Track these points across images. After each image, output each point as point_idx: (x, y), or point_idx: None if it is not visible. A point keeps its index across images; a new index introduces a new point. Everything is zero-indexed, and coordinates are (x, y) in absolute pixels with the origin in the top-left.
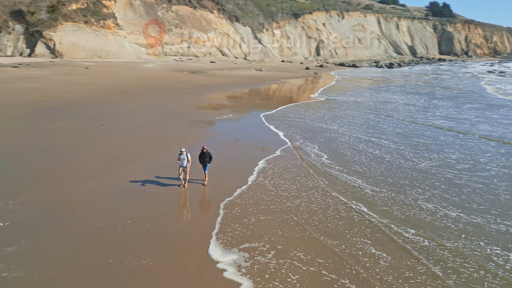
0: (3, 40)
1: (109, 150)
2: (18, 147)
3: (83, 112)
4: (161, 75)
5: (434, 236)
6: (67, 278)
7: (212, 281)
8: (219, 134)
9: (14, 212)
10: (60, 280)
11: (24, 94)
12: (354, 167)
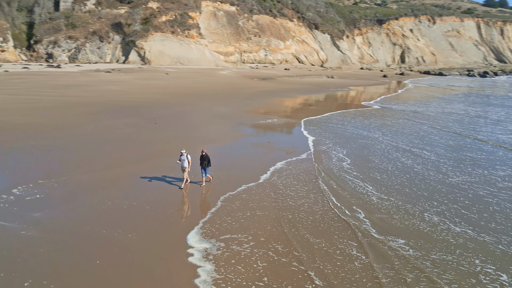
0: (103, 48)
1: (149, 145)
2: (79, 137)
3: (146, 112)
4: (231, 81)
5: (423, 247)
6: (66, 241)
7: (175, 262)
8: (254, 136)
9: (52, 188)
10: (60, 241)
11: (105, 95)
12: (373, 174)
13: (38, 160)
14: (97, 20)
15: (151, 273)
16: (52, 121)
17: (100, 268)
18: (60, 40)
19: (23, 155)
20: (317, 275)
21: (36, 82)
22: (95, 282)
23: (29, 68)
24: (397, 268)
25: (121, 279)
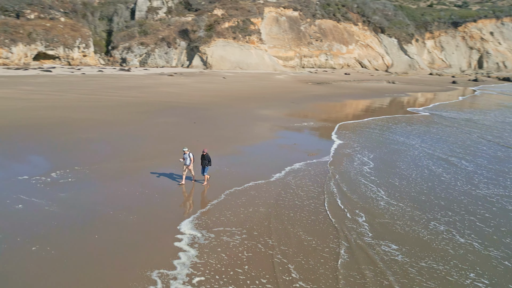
0: (170, 54)
1: (181, 142)
2: (122, 132)
3: (192, 112)
4: (284, 85)
5: (415, 254)
6: (77, 217)
7: (161, 244)
8: (283, 138)
9: (83, 174)
10: (73, 217)
11: (160, 96)
12: (392, 180)
13: (81, 150)
14: (166, 28)
15: (136, 250)
16: (105, 117)
17: (95, 240)
18: (133, 46)
19: (71, 145)
20: (296, 269)
21: (105, 84)
22: (88, 251)
23: (103, 71)
24: (378, 271)
25: (109, 250)
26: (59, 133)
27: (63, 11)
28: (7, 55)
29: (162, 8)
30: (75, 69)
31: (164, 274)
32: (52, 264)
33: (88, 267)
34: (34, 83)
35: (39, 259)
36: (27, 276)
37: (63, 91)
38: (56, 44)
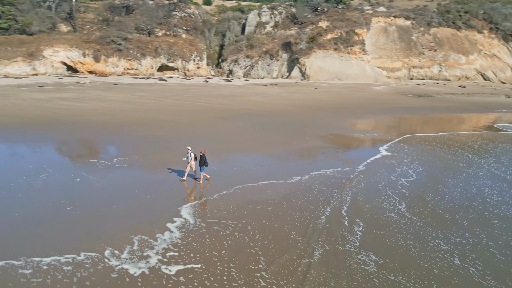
0: (272, 65)
1: (232, 143)
2: (192, 132)
3: (261, 119)
4: (377, 96)
5: (392, 268)
6: (109, 191)
7: (157, 220)
8: (331, 146)
9: (137, 161)
10: (106, 190)
11: (243, 104)
12: (425, 194)
13: (147, 144)
14: (271, 41)
15: (136, 218)
16: (185, 120)
17: (111, 208)
18: (239, 58)
19: (142, 140)
20: (266, 261)
21: (203, 92)
22: (101, 214)
23: (208, 81)
24: (339, 275)
25: (116, 216)
26: (140, 130)
27: (185, 28)
28: (137, 67)
29: (269, 23)
30: (186, 79)
31: (144, 240)
32: (77, 220)
33: (95, 222)
34: (147, 90)
35: (69, 216)
36: (60, 226)
37: (165, 97)
38: (176, 57)
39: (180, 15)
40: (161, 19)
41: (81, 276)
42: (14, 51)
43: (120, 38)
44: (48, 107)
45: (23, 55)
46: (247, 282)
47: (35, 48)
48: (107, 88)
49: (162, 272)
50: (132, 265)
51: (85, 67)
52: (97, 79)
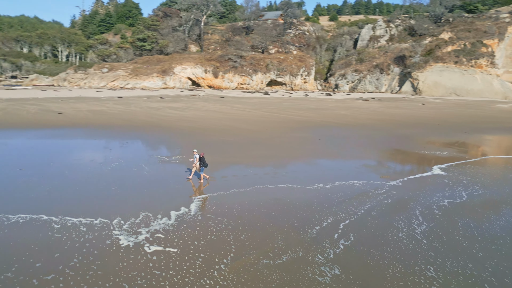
0: (381, 80)
1: (282, 150)
2: (254, 139)
3: (334, 131)
4: (494, 115)
5: (347, 284)
6: (149, 178)
7: (167, 206)
8: (379, 160)
9: (186, 160)
10: (148, 178)
11: (326, 117)
12: (460, 218)
13: (209, 146)
14: (383, 55)
15: (153, 201)
16: (256, 129)
17: (143, 191)
18: (347, 73)
19: (207, 143)
20: (233, 258)
21: (295, 105)
22: (133, 195)
23: (308, 95)
24: (291, 280)
25: (141, 197)
26: (213, 135)
27: (297, 45)
28: (249, 82)
29: (384, 36)
30: (288, 93)
31: (146, 217)
32: (112, 196)
33: (124, 199)
34: (245, 103)
35: (109, 193)
36: (98, 199)
37: (257, 109)
38: (284, 72)
39: (294, 32)
40: (275, 37)
41: (87, 238)
42: (151, 69)
43: (236, 56)
44: (155, 114)
45: (158, 72)
46: (203, 271)
47: (168, 66)
48: (213, 100)
49: (142, 249)
50: (125, 237)
51: (206, 82)
52: (211, 93)
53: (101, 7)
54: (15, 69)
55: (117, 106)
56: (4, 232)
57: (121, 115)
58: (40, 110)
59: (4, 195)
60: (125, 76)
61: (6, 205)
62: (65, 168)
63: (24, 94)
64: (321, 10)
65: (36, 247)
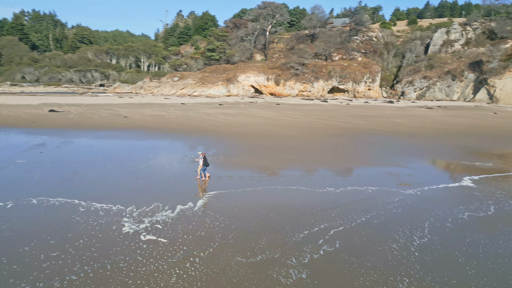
0: (453, 87)
1: (311, 155)
2: (290, 144)
3: (375, 139)
4: None
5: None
6: (173, 173)
7: (177, 199)
8: (405, 168)
9: (218, 159)
10: (175, 173)
11: (375, 124)
12: (473, 233)
13: (243, 149)
14: (456, 60)
15: (169, 194)
16: (296, 134)
17: (165, 184)
18: (415, 80)
19: (243, 146)
20: (210, 252)
21: (348, 112)
22: (155, 187)
23: (368, 103)
24: (249, 279)
25: (161, 189)
26: (251, 140)
27: (363, 51)
28: (310, 89)
29: (459, 41)
30: (348, 101)
31: (156, 207)
32: (136, 187)
33: (147, 189)
34: (298, 110)
35: (136, 185)
36: (126, 189)
37: (306, 116)
38: (347, 79)
39: (361, 39)
40: (340, 44)
41: (100, 222)
42: (217, 77)
43: (298, 64)
44: (207, 119)
45: (223, 80)
46: (178, 262)
47: (232, 75)
48: (267, 107)
49: (137, 237)
50: (129, 224)
51: (267, 90)
52: (269, 100)
53: (181, 20)
54: (104, 78)
55: (177, 112)
56: (39, 212)
57: (177, 120)
58: (111, 114)
59: (52, 182)
60: (193, 84)
61: (51, 189)
62: (109, 163)
63: (104, 100)
64: (399, 14)
65: (58, 226)
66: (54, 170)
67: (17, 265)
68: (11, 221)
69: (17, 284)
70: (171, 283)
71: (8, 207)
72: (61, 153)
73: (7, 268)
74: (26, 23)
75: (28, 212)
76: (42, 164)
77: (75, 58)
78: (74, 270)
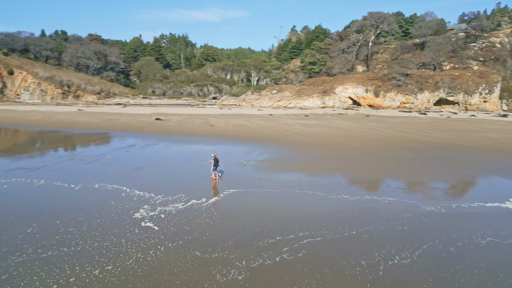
0: None
1: (354, 165)
2: (337, 155)
3: (437, 153)
4: None
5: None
6: (188, 167)
7: (196, 194)
8: (450, 186)
9: (257, 164)
10: (180, 169)
11: (460, 139)
12: (471, 264)
13: (290, 155)
14: None
15: (197, 189)
16: (356, 145)
17: (200, 181)
18: None
19: (293, 153)
20: (187, 242)
21: (440, 125)
22: (190, 181)
23: (475, 116)
24: None
25: (193, 185)
26: (307, 147)
27: (481, 59)
28: (413, 101)
29: None
30: (450, 113)
31: (178, 199)
32: (176, 181)
33: (183, 184)
34: (385, 122)
35: (177, 179)
36: (166, 182)
37: (388, 128)
38: (457, 91)
39: (480, 46)
40: (452, 52)
41: (126, 207)
42: (313, 89)
43: (401, 74)
44: (282, 129)
45: (319, 92)
46: (149, 248)
47: (329, 87)
48: (353, 119)
49: (139, 223)
50: (145, 210)
51: (366, 101)
52: (362, 111)
53: (294, 35)
54: (217, 92)
55: (259, 122)
56: (94, 193)
57: (254, 129)
58: (202, 123)
59: (118, 173)
60: (289, 97)
61: (113, 178)
62: (169, 162)
63: (205, 111)
64: None
65: (93, 207)
66: (126, 164)
67: (49, 228)
68: (71, 198)
69: (51, 237)
70: (128, 263)
71: (76, 188)
72: (141, 153)
73: (56, 224)
74: (163, 45)
75: (85, 193)
76: (121, 160)
77: (197, 74)
78: (76, 242)
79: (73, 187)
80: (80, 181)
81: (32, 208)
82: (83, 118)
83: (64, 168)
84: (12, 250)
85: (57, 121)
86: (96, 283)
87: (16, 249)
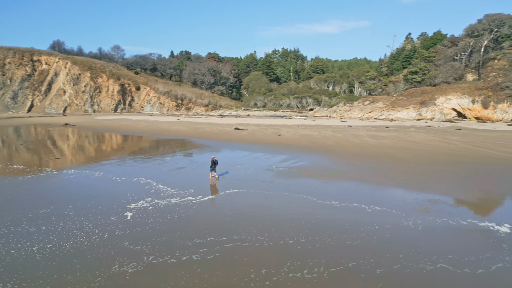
0: None
1: (384, 176)
2: (379, 166)
3: (487, 169)
4: None
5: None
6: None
7: (201, 191)
8: (461, 201)
9: (291, 168)
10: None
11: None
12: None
13: (334, 164)
14: None
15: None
16: (404, 156)
17: (223, 180)
18: None
19: (338, 163)
20: (151, 234)
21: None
22: (207, 182)
23: None
24: None
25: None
26: (347, 158)
27: None
28: None
29: None
30: None
31: (186, 193)
32: (194, 180)
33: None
34: (475, 136)
35: (202, 178)
36: (199, 181)
37: (469, 142)
38: None
39: None
40: None
41: (135, 198)
42: (409, 100)
43: None
44: (344, 139)
45: (415, 103)
46: (122, 235)
47: (429, 97)
48: (439, 132)
49: (143, 211)
50: (160, 200)
51: (472, 113)
52: (459, 124)
53: (409, 43)
54: (316, 103)
55: (328, 132)
56: (124, 184)
57: (315, 139)
58: (272, 132)
59: (164, 170)
60: (381, 108)
61: (154, 175)
62: (208, 164)
63: (285, 122)
64: None
65: (116, 196)
66: (174, 164)
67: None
68: (107, 187)
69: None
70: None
71: (117, 181)
72: (197, 156)
73: (86, 205)
74: (275, 60)
75: (118, 184)
76: (176, 160)
77: (300, 87)
78: (76, 226)
79: (117, 179)
80: (122, 175)
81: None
82: (176, 127)
83: (115, 168)
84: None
85: (155, 129)
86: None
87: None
